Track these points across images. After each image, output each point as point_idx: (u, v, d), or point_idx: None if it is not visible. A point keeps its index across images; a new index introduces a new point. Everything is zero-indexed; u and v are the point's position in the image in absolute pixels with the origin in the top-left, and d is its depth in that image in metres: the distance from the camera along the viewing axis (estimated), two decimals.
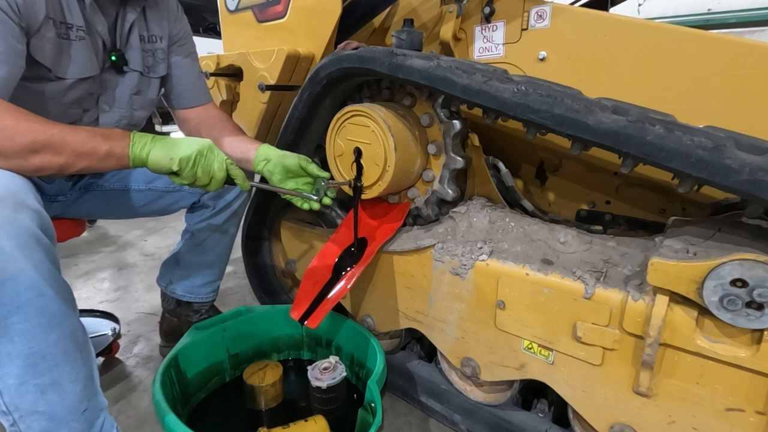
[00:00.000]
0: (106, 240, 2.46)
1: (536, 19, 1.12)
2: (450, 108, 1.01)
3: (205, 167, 0.85)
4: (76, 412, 0.73)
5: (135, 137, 0.82)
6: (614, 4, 1.83)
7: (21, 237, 0.65)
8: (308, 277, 1.09)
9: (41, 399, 0.69)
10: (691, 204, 1.05)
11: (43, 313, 0.68)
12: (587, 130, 0.73)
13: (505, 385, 1.02)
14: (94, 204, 1.13)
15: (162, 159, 0.81)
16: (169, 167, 0.82)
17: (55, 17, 0.82)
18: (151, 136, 0.84)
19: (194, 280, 1.29)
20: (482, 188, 1.11)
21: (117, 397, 1.17)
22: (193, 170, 0.83)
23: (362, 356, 1.13)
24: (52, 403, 0.70)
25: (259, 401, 1.08)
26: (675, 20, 3.34)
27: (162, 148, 0.82)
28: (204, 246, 1.25)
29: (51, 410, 0.70)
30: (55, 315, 0.70)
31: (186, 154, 0.82)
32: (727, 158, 0.62)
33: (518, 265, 0.88)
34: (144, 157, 0.81)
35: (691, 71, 0.96)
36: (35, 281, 0.66)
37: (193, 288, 1.30)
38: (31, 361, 0.68)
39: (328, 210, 1.31)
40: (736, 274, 0.64)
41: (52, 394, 0.70)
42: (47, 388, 0.70)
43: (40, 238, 0.68)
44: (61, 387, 0.71)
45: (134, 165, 0.82)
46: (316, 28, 1.25)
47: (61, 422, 0.71)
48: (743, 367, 0.67)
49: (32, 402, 0.69)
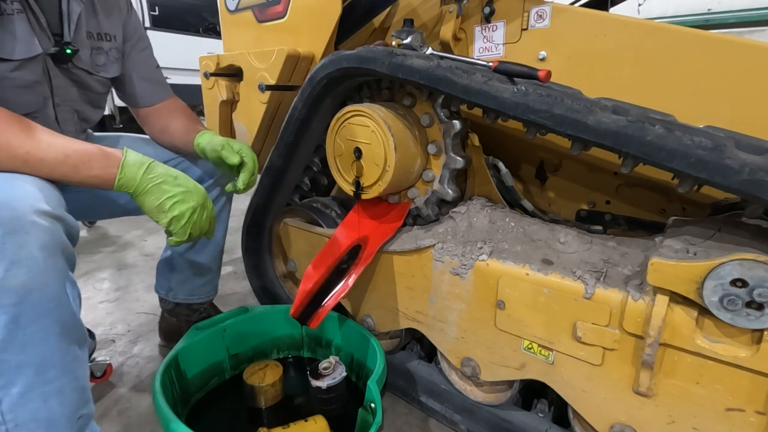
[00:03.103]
0: (106, 240, 2.46)
1: (536, 19, 1.12)
2: (450, 108, 1.01)
3: (198, 225, 0.86)
4: (72, 419, 0.72)
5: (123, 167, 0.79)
6: (614, 4, 1.83)
7: (52, 248, 0.66)
8: (308, 277, 1.09)
9: (43, 407, 0.69)
10: (691, 204, 1.06)
11: (59, 322, 0.68)
12: (587, 130, 0.73)
13: (505, 385, 1.02)
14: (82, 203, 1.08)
15: (151, 211, 0.81)
16: (158, 221, 0.82)
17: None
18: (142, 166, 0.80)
19: (194, 282, 1.28)
20: (482, 188, 1.11)
21: (117, 398, 1.17)
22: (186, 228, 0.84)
23: (362, 356, 1.13)
24: (53, 411, 0.70)
25: (259, 401, 1.08)
26: (675, 20, 3.34)
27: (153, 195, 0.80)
28: (196, 246, 1.24)
29: (50, 418, 0.70)
30: (67, 323, 0.70)
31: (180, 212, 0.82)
32: (727, 158, 0.62)
33: (518, 265, 0.88)
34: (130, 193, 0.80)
35: (691, 71, 0.96)
36: (58, 291, 0.67)
37: (194, 290, 1.29)
38: (42, 369, 0.68)
39: (328, 210, 1.31)
40: (736, 274, 0.64)
41: (53, 402, 0.70)
42: (51, 395, 0.69)
43: (66, 247, 0.69)
44: (64, 395, 0.71)
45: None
46: (316, 28, 1.25)
47: (57, 430, 0.71)
48: (743, 367, 0.67)
49: (33, 410, 0.68)
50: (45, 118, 0.93)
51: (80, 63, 0.96)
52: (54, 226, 0.66)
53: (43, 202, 0.66)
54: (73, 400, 0.72)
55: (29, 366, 0.66)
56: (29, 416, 0.68)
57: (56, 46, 0.89)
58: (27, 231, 0.63)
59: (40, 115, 0.92)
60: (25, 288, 0.63)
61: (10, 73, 0.83)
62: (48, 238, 0.65)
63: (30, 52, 0.84)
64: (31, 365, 0.66)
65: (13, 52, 0.81)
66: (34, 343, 0.66)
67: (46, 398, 0.69)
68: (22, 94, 0.87)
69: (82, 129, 1.06)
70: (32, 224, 0.63)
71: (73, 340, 0.72)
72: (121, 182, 0.78)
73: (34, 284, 0.64)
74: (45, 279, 0.65)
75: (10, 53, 0.81)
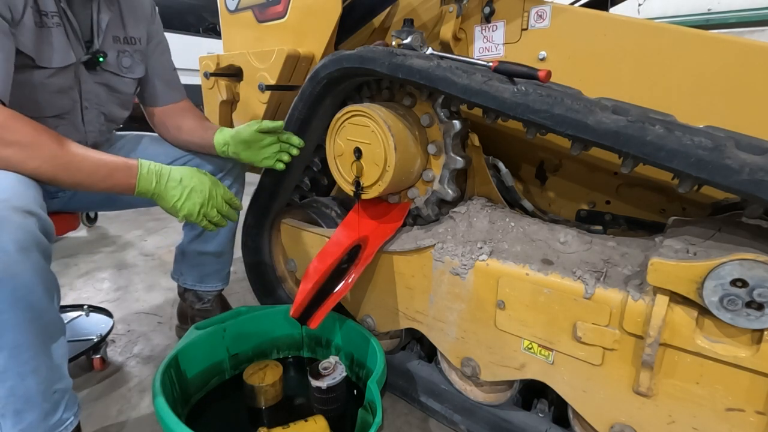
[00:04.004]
0: (106, 240, 2.46)
1: (536, 19, 1.12)
2: (450, 108, 1.01)
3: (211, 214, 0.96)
4: (47, 393, 0.79)
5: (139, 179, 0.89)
6: (614, 4, 1.83)
7: (24, 241, 0.70)
8: (308, 278, 1.09)
9: (21, 384, 0.75)
10: (691, 204, 1.05)
11: (31, 308, 0.73)
12: (587, 130, 0.73)
13: (505, 385, 1.02)
14: (92, 197, 1.14)
15: (168, 211, 0.93)
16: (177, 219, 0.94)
17: (33, 6, 0.84)
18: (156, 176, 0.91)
19: (202, 270, 1.33)
20: (482, 188, 1.11)
21: (117, 397, 1.17)
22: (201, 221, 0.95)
23: (362, 356, 1.13)
24: (30, 388, 0.76)
25: (259, 401, 1.08)
26: (675, 20, 3.34)
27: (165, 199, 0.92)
28: (204, 236, 1.27)
29: (27, 394, 0.76)
30: (40, 309, 0.75)
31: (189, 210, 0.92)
32: (727, 158, 0.62)
33: (518, 265, 0.88)
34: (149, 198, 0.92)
35: (691, 71, 0.96)
36: (30, 281, 0.72)
37: (202, 277, 1.33)
38: (17, 351, 0.73)
39: (328, 210, 1.31)
40: (736, 274, 0.64)
41: (30, 380, 0.76)
42: (27, 374, 0.75)
43: (40, 240, 0.73)
44: (39, 373, 0.77)
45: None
46: (316, 28, 1.25)
47: (34, 404, 0.77)
48: (743, 367, 0.67)
49: (11, 387, 0.74)
50: (73, 120, 1.01)
51: (107, 66, 1.03)
52: (26, 221, 0.71)
53: (17, 199, 0.71)
54: (48, 377, 0.78)
55: (5, 348, 0.72)
56: (7, 392, 0.74)
57: (87, 53, 0.98)
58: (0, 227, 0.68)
59: (69, 117, 1.00)
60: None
61: (46, 80, 0.91)
62: (20, 232, 0.70)
63: (65, 61, 0.92)
64: (7, 347, 0.72)
65: (51, 60, 0.90)
66: (9, 329, 0.72)
67: (23, 377, 0.75)
68: (55, 99, 0.95)
69: (108, 129, 1.13)
70: (4, 219, 0.68)
71: (45, 325, 0.77)
72: (140, 191, 0.89)
73: (6, 275, 0.69)
74: (16, 270, 0.69)
75: (48, 62, 0.89)
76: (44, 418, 0.79)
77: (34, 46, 0.86)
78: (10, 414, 0.75)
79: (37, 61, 0.87)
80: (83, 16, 0.97)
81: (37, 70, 0.88)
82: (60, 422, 0.82)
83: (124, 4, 1.06)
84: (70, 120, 1.00)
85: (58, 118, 0.97)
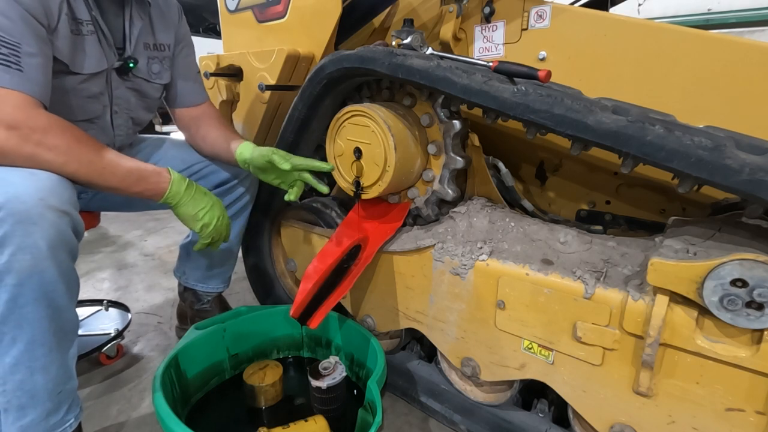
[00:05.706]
0: (106, 240, 2.46)
1: (536, 19, 1.12)
2: (450, 108, 1.01)
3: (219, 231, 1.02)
4: (53, 393, 0.80)
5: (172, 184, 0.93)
6: (614, 4, 1.83)
7: (56, 239, 0.73)
8: (308, 278, 1.09)
9: (29, 379, 0.76)
10: (691, 204, 1.05)
11: (53, 305, 0.76)
12: (587, 130, 0.73)
13: (505, 385, 1.02)
14: (113, 199, 1.14)
15: (186, 217, 0.98)
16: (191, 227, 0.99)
17: (67, 13, 0.86)
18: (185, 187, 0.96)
19: (204, 271, 1.33)
20: (482, 188, 1.11)
21: (117, 397, 1.17)
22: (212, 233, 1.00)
23: (362, 356, 1.13)
24: (37, 385, 0.77)
25: (259, 401, 1.08)
26: (675, 20, 3.34)
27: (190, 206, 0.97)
28: None
29: (34, 390, 0.77)
30: (60, 307, 0.77)
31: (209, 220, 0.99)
32: (727, 158, 0.62)
33: (518, 265, 0.88)
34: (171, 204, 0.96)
35: (692, 71, 0.96)
36: (55, 279, 0.74)
37: (204, 278, 1.34)
38: (32, 346, 0.75)
39: (328, 210, 1.31)
40: (736, 274, 0.64)
41: (39, 377, 0.77)
42: (37, 370, 0.77)
43: (69, 239, 0.76)
44: (48, 371, 0.78)
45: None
46: (316, 28, 1.25)
47: (39, 402, 0.78)
48: (743, 367, 0.67)
49: (20, 381, 0.76)
50: (103, 123, 1.04)
51: (138, 72, 1.06)
52: (60, 220, 0.73)
53: (54, 198, 0.73)
54: (57, 377, 0.80)
55: (21, 341, 0.74)
56: (16, 386, 0.76)
57: (119, 60, 1.00)
58: (34, 222, 0.70)
59: (99, 121, 1.02)
60: (26, 272, 0.71)
61: (79, 85, 0.93)
62: (53, 230, 0.72)
63: (98, 67, 0.95)
64: (23, 341, 0.74)
65: (83, 67, 0.92)
66: (29, 323, 0.74)
67: (32, 372, 0.76)
68: (87, 103, 0.97)
69: (134, 132, 1.16)
70: (40, 216, 0.71)
71: (62, 324, 0.79)
72: (169, 196, 0.93)
73: (35, 270, 0.71)
74: (45, 266, 0.72)
75: (81, 68, 0.92)
76: (46, 417, 0.80)
77: (69, 53, 0.88)
78: (14, 409, 0.77)
79: (71, 67, 0.89)
80: (115, 23, 0.99)
81: (70, 75, 0.90)
82: (61, 422, 0.82)
83: (154, 12, 1.07)
84: (100, 124, 1.02)
85: (88, 122, 0.99)
